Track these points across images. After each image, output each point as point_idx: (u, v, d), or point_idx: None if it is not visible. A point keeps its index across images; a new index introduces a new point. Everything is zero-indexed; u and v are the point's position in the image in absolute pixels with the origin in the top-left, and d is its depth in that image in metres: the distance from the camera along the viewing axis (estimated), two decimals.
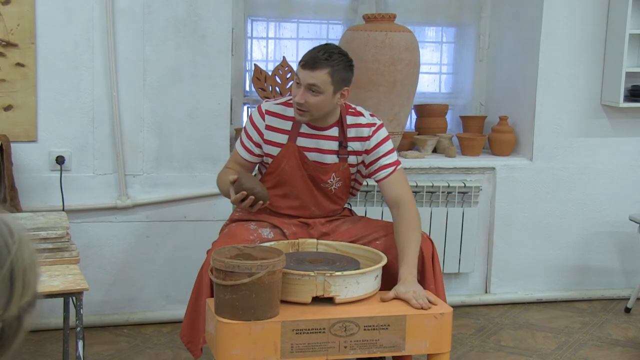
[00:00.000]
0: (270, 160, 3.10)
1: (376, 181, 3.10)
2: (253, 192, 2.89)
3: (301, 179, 3.08)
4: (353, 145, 3.06)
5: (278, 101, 3.12)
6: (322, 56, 2.88)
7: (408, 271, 2.79)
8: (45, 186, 3.73)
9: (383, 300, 2.73)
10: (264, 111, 3.08)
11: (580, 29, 4.34)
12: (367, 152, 3.07)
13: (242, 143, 3.14)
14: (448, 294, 4.29)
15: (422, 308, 2.67)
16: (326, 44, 3.00)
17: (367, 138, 3.05)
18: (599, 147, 4.46)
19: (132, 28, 3.76)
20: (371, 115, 3.13)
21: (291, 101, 3.02)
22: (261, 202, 2.93)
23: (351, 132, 3.06)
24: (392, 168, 3.05)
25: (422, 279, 2.96)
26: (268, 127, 3.07)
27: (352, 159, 3.09)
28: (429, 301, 2.70)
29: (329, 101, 2.94)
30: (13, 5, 3.59)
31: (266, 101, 3.15)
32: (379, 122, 3.09)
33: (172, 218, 3.93)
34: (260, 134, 3.08)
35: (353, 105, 3.14)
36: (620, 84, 4.24)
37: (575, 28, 4.33)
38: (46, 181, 3.74)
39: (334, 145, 3.06)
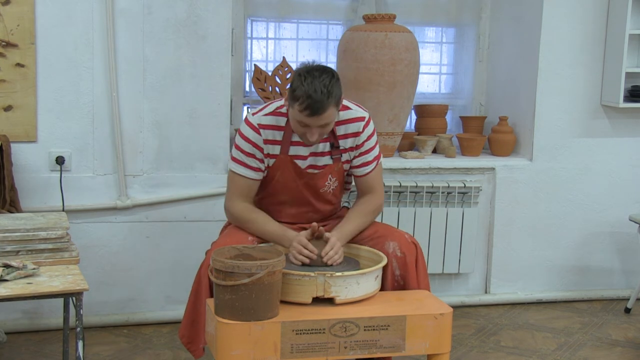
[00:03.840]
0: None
1: (355, 176, 3.13)
2: (315, 257, 2.86)
3: (296, 189, 3.05)
4: (344, 143, 3.04)
5: (265, 112, 2.99)
6: (323, 97, 2.74)
7: (339, 236, 2.93)
8: (45, 186, 3.73)
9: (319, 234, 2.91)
10: (256, 125, 2.96)
11: (580, 29, 4.34)
12: (357, 147, 3.06)
13: (244, 165, 2.99)
14: (448, 294, 4.32)
15: (326, 264, 2.84)
16: (310, 72, 2.78)
17: (358, 134, 3.03)
18: (599, 147, 4.46)
19: (132, 28, 3.76)
20: (357, 105, 3.08)
21: (279, 110, 2.97)
22: (306, 264, 2.86)
23: (340, 130, 3.01)
24: (374, 164, 3.09)
25: (404, 284, 2.96)
26: (266, 142, 2.98)
27: (345, 156, 3.07)
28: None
29: (334, 120, 2.92)
30: (13, 6, 3.59)
31: (252, 114, 3.00)
32: (367, 115, 3.06)
33: (172, 218, 3.93)
34: (261, 149, 2.98)
35: None
36: (620, 84, 4.24)
37: (575, 28, 4.33)
38: (46, 181, 3.74)
39: (326, 147, 3.03)
